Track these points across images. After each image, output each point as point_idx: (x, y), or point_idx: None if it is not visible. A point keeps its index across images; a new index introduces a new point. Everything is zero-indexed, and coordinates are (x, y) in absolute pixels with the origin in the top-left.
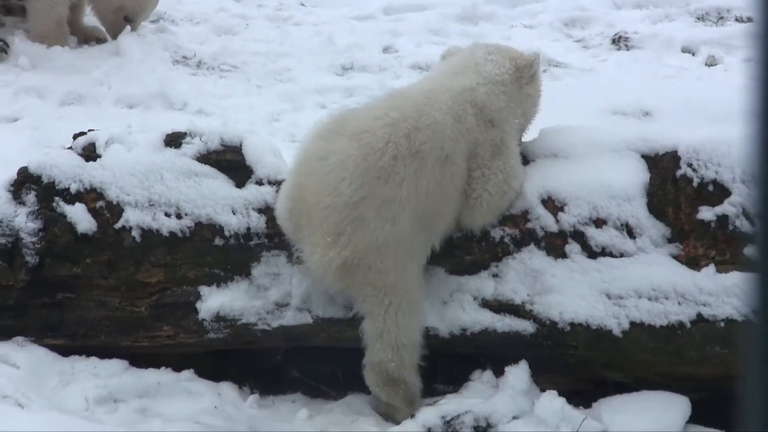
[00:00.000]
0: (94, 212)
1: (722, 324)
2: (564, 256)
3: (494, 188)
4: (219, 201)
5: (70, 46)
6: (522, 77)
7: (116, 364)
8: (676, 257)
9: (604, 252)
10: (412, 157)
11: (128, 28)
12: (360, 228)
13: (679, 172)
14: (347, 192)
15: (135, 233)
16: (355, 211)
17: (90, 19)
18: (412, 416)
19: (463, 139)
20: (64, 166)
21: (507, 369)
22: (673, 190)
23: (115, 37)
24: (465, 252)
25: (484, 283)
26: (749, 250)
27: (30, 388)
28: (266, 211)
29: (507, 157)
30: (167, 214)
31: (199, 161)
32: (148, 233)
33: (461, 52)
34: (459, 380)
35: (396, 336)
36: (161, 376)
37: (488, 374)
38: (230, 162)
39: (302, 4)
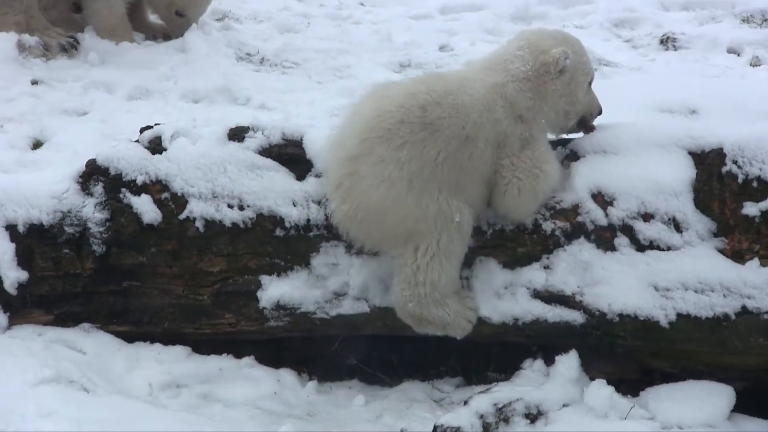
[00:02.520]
0: (159, 203)
1: (766, 316)
2: (613, 249)
3: (524, 173)
4: (280, 193)
5: (137, 42)
6: (548, 72)
7: (179, 351)
8: (721, 251)
9: (652, 245)
10: (421, 126)
11: (194, 25)
12: (356, 183)
13: (724, 169)
14: (349, 146)
15: (198, 224)
16: (353, 166)
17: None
18: (465, 403)
19: (490, 127)
20: (130, 159)
21: (557, 358)
22: (719, 185)
23: (180, 34)
24: (517, 244)
25: (535, 275)
26: None
27: (96, 373)
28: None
29: (535, 147)
30: (230, 206)
31: (261, 154)
32: (211, 224)
33: (504, 44)
34: (510, 368)
35: (414, 273)
36: (222, 362)
37: (539, 363)
38: (291, 155)
39: (362, 4)
